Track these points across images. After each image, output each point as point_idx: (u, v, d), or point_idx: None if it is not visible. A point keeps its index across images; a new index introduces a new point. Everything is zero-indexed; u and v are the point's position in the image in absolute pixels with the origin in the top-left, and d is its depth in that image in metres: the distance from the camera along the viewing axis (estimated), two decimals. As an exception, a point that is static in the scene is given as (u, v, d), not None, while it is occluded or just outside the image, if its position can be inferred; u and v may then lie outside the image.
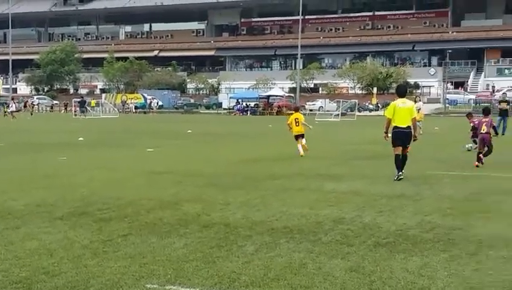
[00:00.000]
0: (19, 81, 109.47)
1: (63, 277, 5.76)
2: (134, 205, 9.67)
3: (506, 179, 13.06)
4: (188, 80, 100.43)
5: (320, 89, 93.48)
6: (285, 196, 10.67)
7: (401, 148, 13.17)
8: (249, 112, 72.24)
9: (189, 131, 32.49)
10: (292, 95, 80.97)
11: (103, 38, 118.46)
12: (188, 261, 6.34)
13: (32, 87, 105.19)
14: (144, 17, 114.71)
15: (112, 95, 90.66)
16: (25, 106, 72.18)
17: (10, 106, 56.78)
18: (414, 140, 13.41)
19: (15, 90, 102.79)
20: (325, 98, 79.45)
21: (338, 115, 56.94)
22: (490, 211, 9.30)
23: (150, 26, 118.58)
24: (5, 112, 57.80)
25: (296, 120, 19.22)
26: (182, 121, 48.03)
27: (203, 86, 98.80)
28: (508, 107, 31.79)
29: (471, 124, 20.22)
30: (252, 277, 5.81)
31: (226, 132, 33.03)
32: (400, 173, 12.96)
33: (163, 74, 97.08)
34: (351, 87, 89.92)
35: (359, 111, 67.63)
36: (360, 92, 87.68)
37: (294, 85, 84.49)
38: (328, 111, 65.73)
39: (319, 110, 68.31)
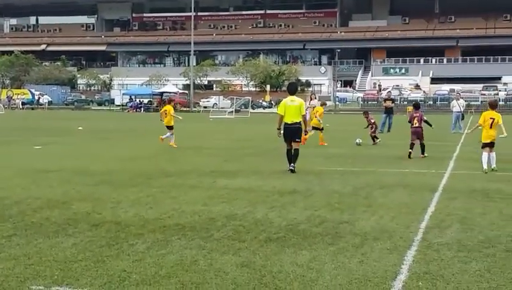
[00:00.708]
0: None
1: None
2: (20, 204, 9.30)
3: (391, 174, 13.67)
4: (79, 76, 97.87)
5: (214, 86, 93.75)
6: (178, 193, 10.62)
7: (292, 142, 13.74)
8: (142, 109, 71.23)
9: (80, 128, 31.62)
10: (186, 92, 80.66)
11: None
12: (77, 261, 6.17)
13: None
14: (29, 9, 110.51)
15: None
16: None
17: None
18: (305, 134, 14.00)
19: None
20: (219, 95, 79.78)
21: (232, 112, 57.35)
22: (375, 205, 9.69)
23: (37, 19, 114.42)
24: None
25: (165, 112, 21.42)
26: (72, 118, 46.68)
27: (94, 81, 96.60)
28: (393, 105, 33.17)
29: (368, 121, 21.48)
30: (142, 275, 5.74)
31: (118, 129, 32.42)
32: (292, 165, 13.65)
33: (51, 69, 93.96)
34: (245, 85, 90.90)
35: (253, 108, 68.51)
36: (254, 89, 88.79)
37: (188, 82, 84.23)
38: (222, 108, 66.05)
39: (213, 107, 68.48)
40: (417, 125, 17.35)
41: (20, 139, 23.68)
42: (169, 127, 20.86)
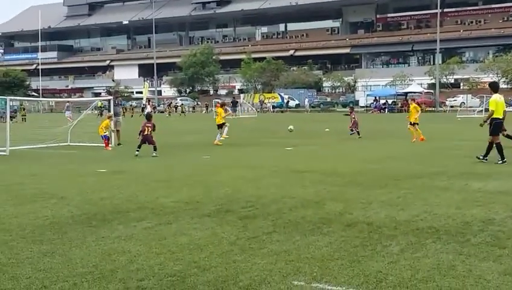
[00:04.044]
0: (163, 84, 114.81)
1: (213, 272, 5.99)
2: (277, 203, 9.84)
3: None
4: (324, 79, 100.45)
5: (461, 84, 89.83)
6: (428, 195, 10.40)
7: None
8: (386, 110, 70.95)
9: (326, 129, 32.48)
10: (431, 91, 78.51)
11: (240, 39, 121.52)
12: (333, 260, 6.36)
13: (175, 89, 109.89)
14: (279, 17, 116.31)
15: (249, 95, 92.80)
16: (172, 107, 76.01)
17: (146, 108, 60.21)
18: None
19: (160, 92, 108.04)
20: (467, 94, 76.27)
21: (482, 111, 54.43)
22: None
23: (286, 26, 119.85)
24: (132, 114, 62.15)
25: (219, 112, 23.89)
26: (319, 120, 48.11)
27: (339, 84, 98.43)
28: None
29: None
30: (399, 278, 5.73)
31: (364, 130, 32.65)
32: None
33: (299, 73, 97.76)
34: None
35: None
36: (505, 86, 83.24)
37: (433, 81, 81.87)
38: (470, 107, 63.05)
39: (460, 107, 65.73)
40: None
41: (273, 140, 25.03)
42: (220, 126, 23.54)
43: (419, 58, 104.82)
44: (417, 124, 23.76)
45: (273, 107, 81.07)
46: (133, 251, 6.81)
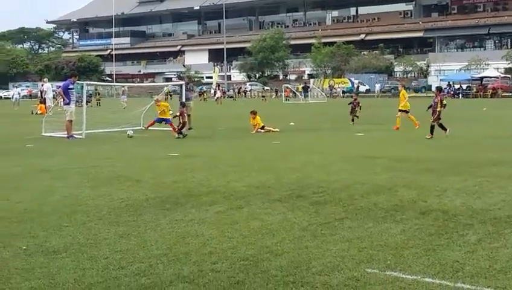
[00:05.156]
0: (233, 69, 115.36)
1: (286, 257, 5.98)
2: (348, 189, 9.74)
3: None
4: (395, 63, 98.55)
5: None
6: (507, 184, 10.05)
7: None
8: (460, 95, 69.09)
9: (397, 115, 31.84)
10: (509, 76, 75.87)
11: (310, 24, 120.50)
12: (407, 248, 6.25)
13: (245, 74, 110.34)
14: (350, 1, 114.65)
15: (319, 80, 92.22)
16: (238, 92, 76.70)
17: (216, 92, 61.22)
18: None
19: (229, 77, 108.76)
20: (548, 78, 73.37)
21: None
22: None
23: (357, 9, 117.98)
24: (205, 98, 64.16)
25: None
26: (389, 105, 47.32)
27: (411, 68, 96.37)
28: None
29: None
30: (476, 268, 5.57)
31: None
32: None
33: (370, 58, 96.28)
34: None
35: None
36: None
37: (510, 65, 79.05)
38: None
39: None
40: None
41: (343, 126, 24.79)
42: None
43: (496, 41, 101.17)
44: (405, 111, 23.15)
45: (343, 92, 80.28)
46: (206, 234, 6.89)
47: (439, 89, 21.08)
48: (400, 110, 23.23)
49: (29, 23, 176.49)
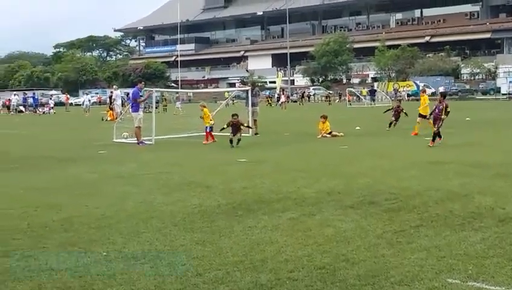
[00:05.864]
0: (296, 73, 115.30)
1: (363, 266, 5.92)
2: (420, 195, 9.55)
3: None
4: (462, 65, 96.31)
5: None
6: None
7: None
8: (531, 97, 66.95)
9: (467, 118, 31.18)
10: None
11: (374, 27, 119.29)
12: (488, 258, 6.08)
13: (308, 78, 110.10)
14: (414, 3, 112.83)
15: (383, 83, 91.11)
16: (302, 97, 76.70)
17: (280, 97, 61.50)
18: None
19: (292, 82, 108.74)
20: None
21: None
22: None
23: (421, 12, 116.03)
24: (270, 103, 65.44)
25: None
26: (458, 108, 46.26)
27: (478, 70, 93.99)
28: None
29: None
30: None
31: (507, 119, 31.04)
32: None
33: (435, 60, 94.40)
34: None
35: None
36: None
37: None
38: None
39: None
40: None
41: (409, 130, 24.35)
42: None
43: None
44: (424, 116, 21.60)
45: (408, 95, 78.98)
46: (280, 241, 6.89)
47: (444, 95, 19.61)
48: (419, 116, 22.33)
49: (98, 32, 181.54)
